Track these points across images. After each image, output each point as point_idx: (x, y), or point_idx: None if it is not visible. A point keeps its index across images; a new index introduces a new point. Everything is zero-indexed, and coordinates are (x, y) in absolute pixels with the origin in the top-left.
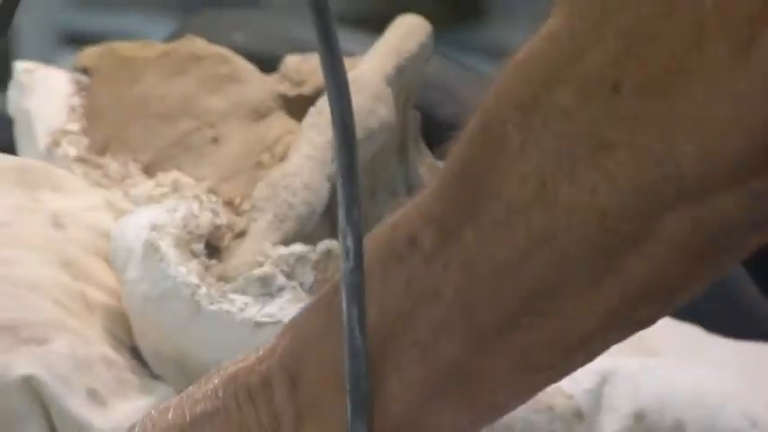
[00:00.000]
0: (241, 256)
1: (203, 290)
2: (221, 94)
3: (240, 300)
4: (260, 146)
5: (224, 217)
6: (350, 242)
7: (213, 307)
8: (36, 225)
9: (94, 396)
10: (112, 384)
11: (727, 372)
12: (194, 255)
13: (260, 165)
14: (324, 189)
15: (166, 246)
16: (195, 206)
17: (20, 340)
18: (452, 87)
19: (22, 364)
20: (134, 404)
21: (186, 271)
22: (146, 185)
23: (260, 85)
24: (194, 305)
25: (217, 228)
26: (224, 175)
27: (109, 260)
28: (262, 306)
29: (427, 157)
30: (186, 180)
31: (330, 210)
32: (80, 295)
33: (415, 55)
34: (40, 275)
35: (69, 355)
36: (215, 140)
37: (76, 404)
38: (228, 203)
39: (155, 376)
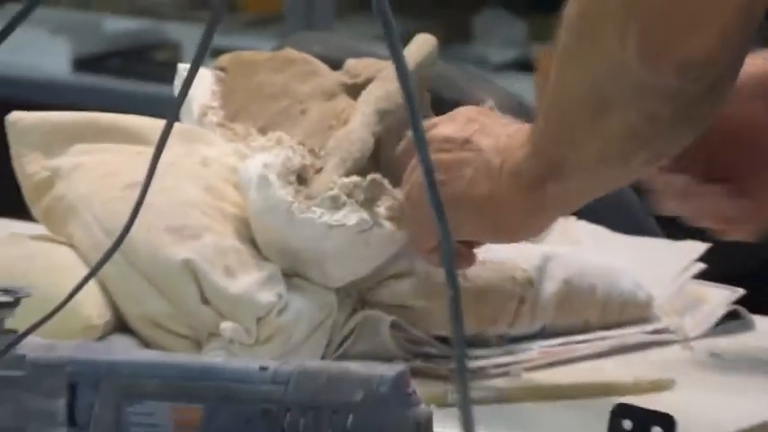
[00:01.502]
0: (319, 184)
1: (296, 205)
2: (307, 83)
3: (319, 211)
4: (330, 115)
5: (308, 159)
6: None
7: (302, 215)
8: (191, 164)
9: (228, 271)
10: (239, 264)
11: (623, 256)
12: (290, 183)
13: (331, 127)
14: (370, 141)
15: (273, 177)
16: (290, 153)
17: (182, 237)
18: (452, 78)
19: (184, 251)
20: (252, 276)
21: (285, 193)
22: (260, 141)
23: (331, 78)
24: (290, 214)
25: (304, 166)
26: (308, 134)
27: (238, 186)
28: (332, 215)
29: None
30: (285, 137)
31: (374, 154)
32: (219, 209)
33: (427, 58)
34: (193, 196)
35: (213, 246)
36: (303, 112)
37: (217, 277)
38: (311, 151)
39: (265, 259)
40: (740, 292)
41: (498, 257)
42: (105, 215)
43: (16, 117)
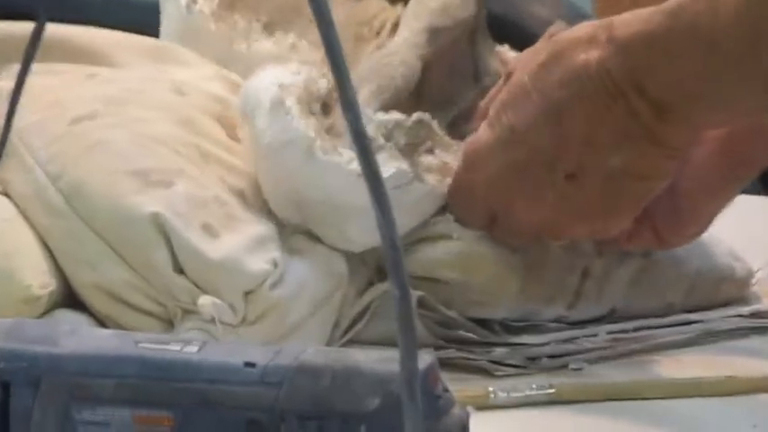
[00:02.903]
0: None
1: (318, 142)
2: None
3: (347, 153)
4: (358, 20)
5: (331, 82)
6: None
7: (326, 157)
8: (162, 91)
9: (208, 230)
10: (224, 220)
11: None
12: (312, 113)
13: (360, 37)
14: (417, 67)
15: (291, 103)
16: (314, 72)
17: (149, 183)
18: None
19: (151, 203)
20: (240, 236)
21: (306, 125)
22: (266, 43)
23: None
24: (310, 154)
25: (330, 92)
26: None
27: (221, 121)
28: None
29: (492, 46)
30: (302, 44)
31: (420, 86)
32: (197, 148)
33: None
34: (164, 131)
35: (187, 196)
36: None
37: (193, 236)
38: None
39: (259, 214)
40: None
41: None
42: (49, 156)
43: None
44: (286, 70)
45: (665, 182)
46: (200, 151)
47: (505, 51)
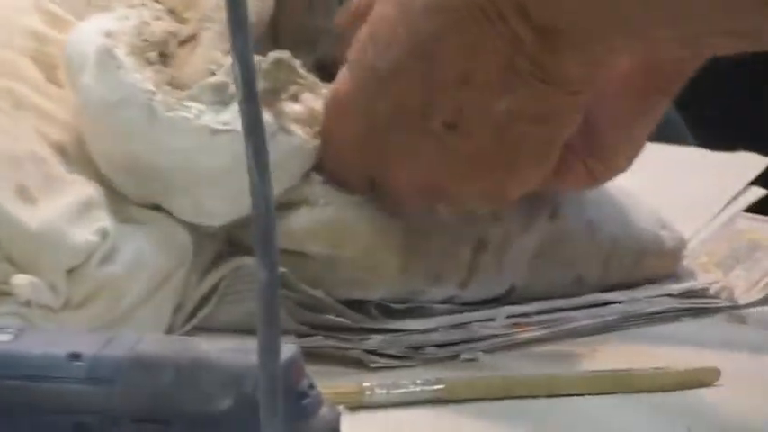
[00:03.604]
0: (193, 64)
1: (159, 97)
2: None
3: (195, 107)
4: None
5: (171, 25)
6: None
7: (170, 114)
8: None
9: (23, 193)
10: (42, 181)
11: (640, 175)
12: (149, 62)
13: None
14: (270, 1)
15: (122, 53)
16: (146, 14)
17: None
18: None
19: None
20: (61, 201)
21: (142, 78)
22: None
23: None
24: (151, 112)
25: (167, 37)
26: None
27: (37, 60)
28: (216, 113)
29: None
30: None
31: (274, 23)
32: (8, 92)
33: None
34: None
35: None
36: None
37: (5, 201)
38: (171, 11)
39: (85, 174)
40: None
41: None
42: None
43: None
44: (112, 16)
45: (571, 125)
46: (11, 97)
47: None
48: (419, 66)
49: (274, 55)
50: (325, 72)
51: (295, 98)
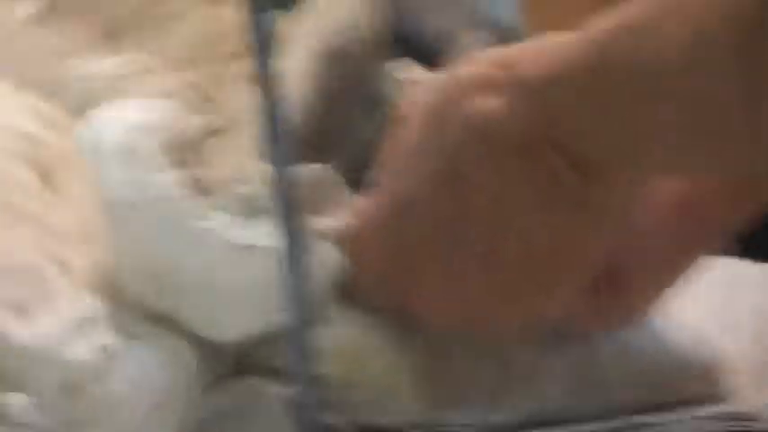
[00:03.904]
0: (222, 169)
1: (185, 204)
2: None
3: (223, 218)
4: (221, 30)
5: (201, 114)
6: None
7: (195, 223)
8: None
9: (18, 307)
10: (37, 294)
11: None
12: (176, 161)
13: (236, 56)
14: (315, 103)
15: (147, 150)
16: (174, 105)
17: None
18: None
19: None
20: (61, 315)
21: (168, 181)
22: (111, 61)
23: None
24: (176, 217)
25: (208, 132)
26: (189, 58)
27: (32, 164)
28: (244, 227)
29: (383, 62)
30: (156, 63)
31: (321, 130)
32: (5, 204)
33: None
34: None
35: None
36: (176, 16)
37: None
38: (205, 97)
39: (84, 287)
40: None
41: None
42: None
43: None
44: (139, 105)
45: (606, 252)
46: (4, 205)
47: (405, 67)
48: (451, 190)
49: (318, 168)
50: (353, 178)
51: (323, 212)
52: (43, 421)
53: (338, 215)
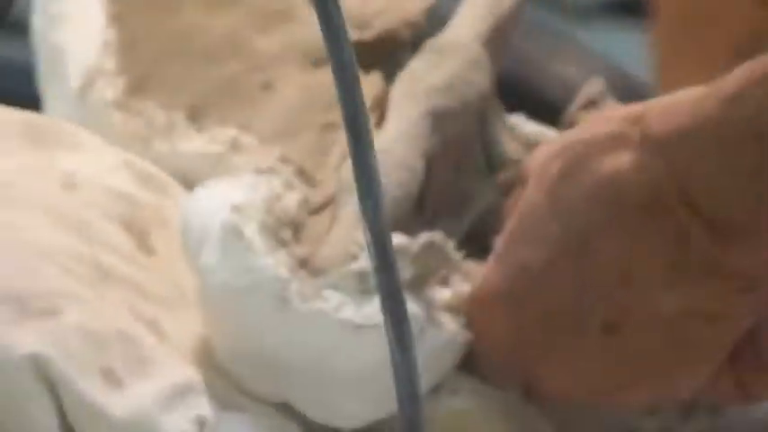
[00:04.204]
0: (332, 245)
1: (294, 285)
2: (272, 31)
3: (335, 297)
4: (322, 98)
5: (301, 191)
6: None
7: (305, 305)
8: (44, 186)
9: (109, 376)
10: (130, 362)
11: None
12: (282, 243)
13: (330, 126)
14: (419, 168)
15: (251, 231)
16: (277, 183)
17: (26, 313)
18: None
19: (28, 339)
20: (155, 384)
21: (275, 263)
22: (197, 141)
23: (317, 26)
24: (283, 302)
25: (299, 204)
26: (280, 130)
27: (127, 225)
28: (359, 305)
29: (503, 119)
30: (246, 139)
31: (424, 195)
32: (94, 263)
33: (510, 13)
34: (48, 240)
35: (81, 330)
36: (266, 87)
37: (89, 385)
38: (300, 171)
39: (180, 353)
40: None
41: None
42: None
43: None
44: (238, 184)
45: (743, 323)
46: (97, 267)
47: (521, 123)
48: (574, 264)
49: (426, 237)
50: (476, 244)
51: (445, 281)
52: None
53: (458, 285)
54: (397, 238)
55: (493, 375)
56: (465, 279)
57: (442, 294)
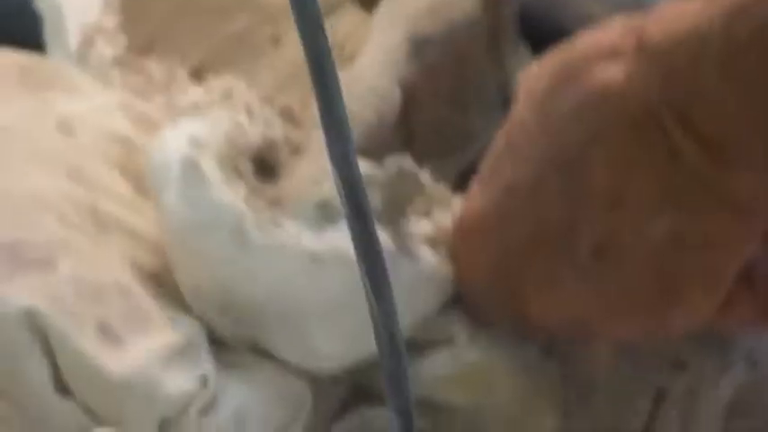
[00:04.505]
0: (297, 176)
1: (251, 217)
2: None
3: (295, 227)
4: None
5: (279, 129)
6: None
7: (263, 237)
8: (40, 130)
9: (106, 332)
10: (129, 317)
11: None
12: (241, 175)
13: None
14: (395, 95)
15: (209, 164)
16: (244, 117)
17: (20, 264)
18: None
19: (22, 293)
20: (155, 340)
21: (232, 195)
22: (193, 93)
23: None
24: (241, 235)
25: (271, 143)
26: (282, 82)
27: (125, 169)
28: (320, 235)
29: (526, 57)
30: (239, 86)
31: (405, 122)
32: (90, 210)
33: None
34: (43, 187)
35: (77, 282)
36: (275, 41)
37: (85, 342)
38: (286, 113)
39: (178, 307)
40: None
41: None
42: None
43: None
44: (203, 121)
45: (744, 252)
46: (94, 215)
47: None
48: (562, 183)
49: (394, 164)
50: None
51: (426, 214)
52: None
53: (441, 218)
54: (365, 166)
55: (480, 311)
56: (447, 211)
57: (423, 227)
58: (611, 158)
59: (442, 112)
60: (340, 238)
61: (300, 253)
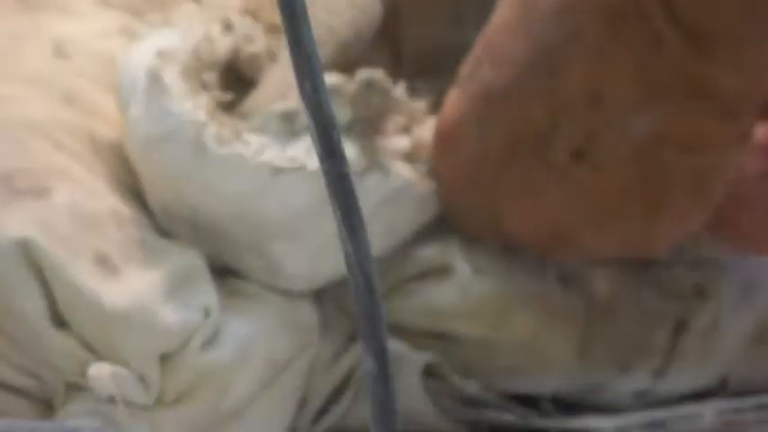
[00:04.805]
0: (266, 87)
1: (212, 129)
2: None
3: (257, 140)
4: None
5: (260, 43)
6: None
7: (223, 149)
8: (35, 54)
9: (104, 262)
10: (126, 246)
11: None
12: (205, 87)
13: None
14: (375, 8)
15: (172, 76)
16: (215, 28)
17: (14, 192)
18: None
19: (16, 222)
20: (154, 271)
21: (192, 106)
22: (187, 9)
23: None
24: (200, 147)
25: (251, 56)
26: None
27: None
28: (282, 147)
29: None
30: (234, 3)
31: (391, 38)
32: (87, 135)
33: None
34: (38, 113)
35: (72, 211)
36: None
37: (81, 272)
38: (272, 27)
39: (182, 234)
40: None
41: None
42: None
43: None
44: (174, 32)
45: (731, 156)
46: (90, 141)
47: None
48: (541, 82)
49: (364, 75)
50: None
51: (405, 130)
52: (135, 396)
53: (420, 133)
54: (333, 78)
55: (463, 226)
56: (427, 126)
57: (400, 142)
58: (589, 55)
59: (434, 26)
60: (301, 152)
61: (260, 166)
